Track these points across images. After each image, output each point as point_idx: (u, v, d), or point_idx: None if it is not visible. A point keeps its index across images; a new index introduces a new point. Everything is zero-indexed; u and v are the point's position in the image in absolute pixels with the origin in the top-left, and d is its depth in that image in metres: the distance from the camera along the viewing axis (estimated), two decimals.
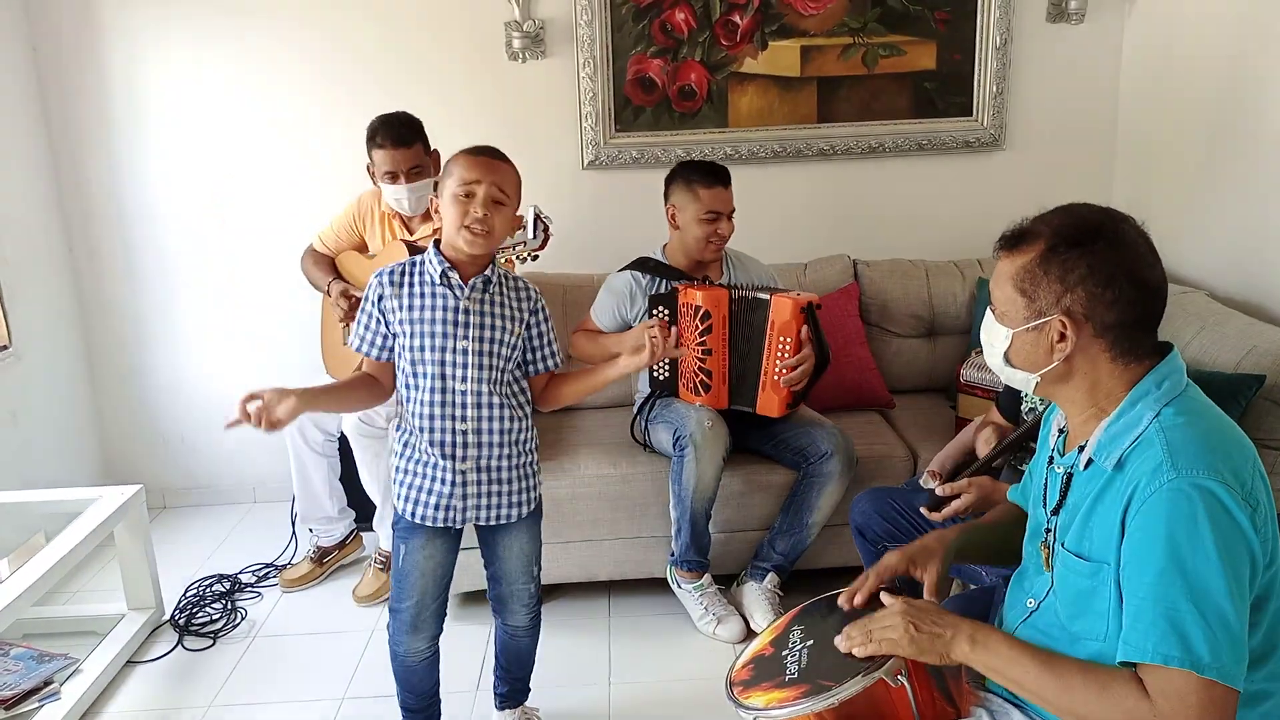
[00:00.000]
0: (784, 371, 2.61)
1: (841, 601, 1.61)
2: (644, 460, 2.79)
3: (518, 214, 2.04)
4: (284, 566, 3.13)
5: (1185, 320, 2.63)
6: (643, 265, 2.84)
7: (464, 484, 2.00)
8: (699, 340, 2.67)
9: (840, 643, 1.45)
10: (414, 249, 2.77)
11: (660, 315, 2.72)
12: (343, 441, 2.99)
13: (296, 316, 3.33)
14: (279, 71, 3.34)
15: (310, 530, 3.11)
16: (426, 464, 2.00)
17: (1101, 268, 1.30)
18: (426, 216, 2.91)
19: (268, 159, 3.40)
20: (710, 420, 2.64)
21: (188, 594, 2.98)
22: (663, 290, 2.76)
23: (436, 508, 2.01)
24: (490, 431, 1.99)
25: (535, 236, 2.28)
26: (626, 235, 3.25)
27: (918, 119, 3.45)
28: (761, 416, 2.69)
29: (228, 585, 3.04)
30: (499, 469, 2.02)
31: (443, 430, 1.97)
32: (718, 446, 2.63)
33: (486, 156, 1.95)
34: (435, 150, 2.86)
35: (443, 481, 1.99)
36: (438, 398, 1.96)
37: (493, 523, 2.05)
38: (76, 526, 2.56)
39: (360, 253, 3.03)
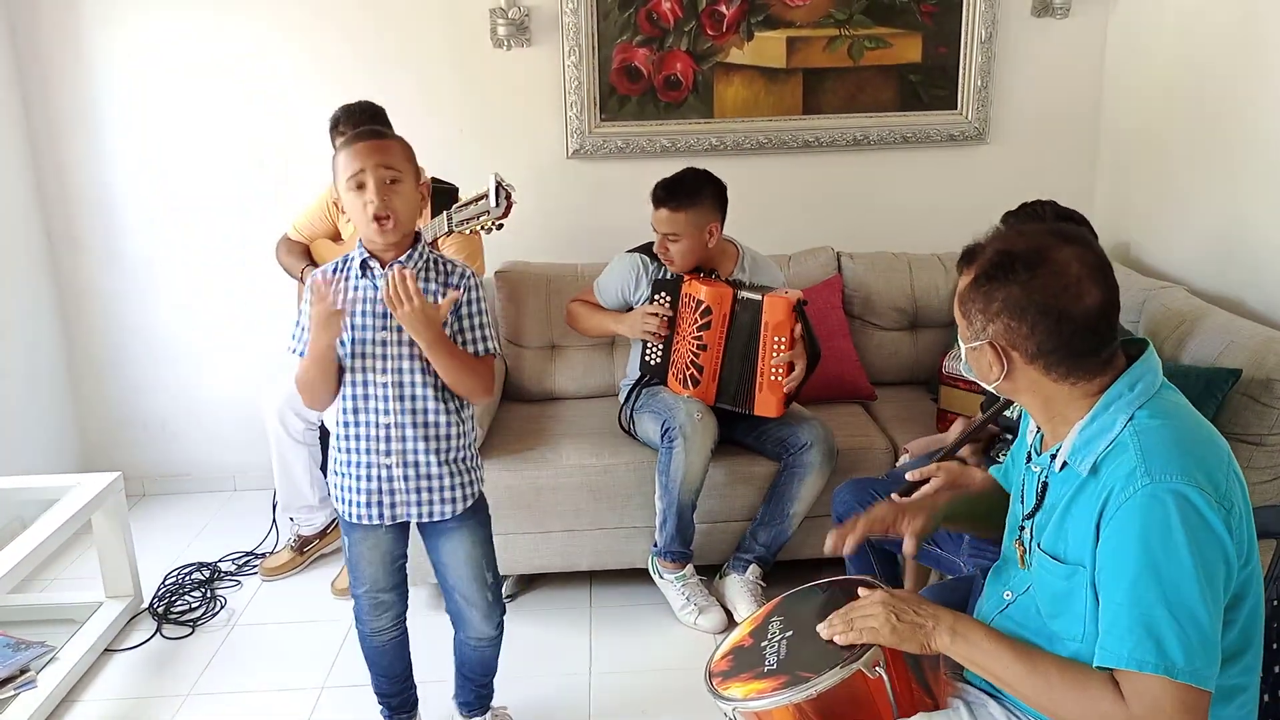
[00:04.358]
0: (780, 371, 2.61)
1: (829, 549, 1.63)
2: (626, 450, 2.79)
3: (424, 183, 1.96)
4: (264, 555, 3.12)
5: (1164, 315, 2.65)
6: (652, 250, 2.83)
7: (390, 479, 1.96)
8: (696, 334, 2.67)
9: (822, 630, 1.45)
10: None
11: (662, 301, 2.72)
12: (323, 431, 2.98)
13: (277, 304, 3.31)
14: (262, 57, 3.30)
15: (291, 519, 3.10)
16: (352, 461, 1.97)
17: (1015, 301, 1.31)
18: None
19: (250, 144, 3.37)
20: (700, 412, 2.64)
21: (166, 582, 2.96)
22: (668, 277, 2.76)
23: (368, 505, 1.97)
24: (415, 425, 1.93)
25: (499, 205, 2.25)
26: (611, 225, 3.25)
27: (903, 112, 3.46)
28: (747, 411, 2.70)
29: (207, 573, 3.02)
30: (427, 464, 1.95)
31: (366, 424, 1.94)
32: (706, 438, 2.63)
33: (364, 140, 1.88)
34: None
35: (370, 479, 1.96)
36: (359, 391, 1.94)
37: (425, 519, 2.00)
38: (53, 513, 2.54)
39: (334, 241, 3.01)
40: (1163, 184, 3.15)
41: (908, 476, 1.94)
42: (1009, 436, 2.18)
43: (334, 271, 1.95)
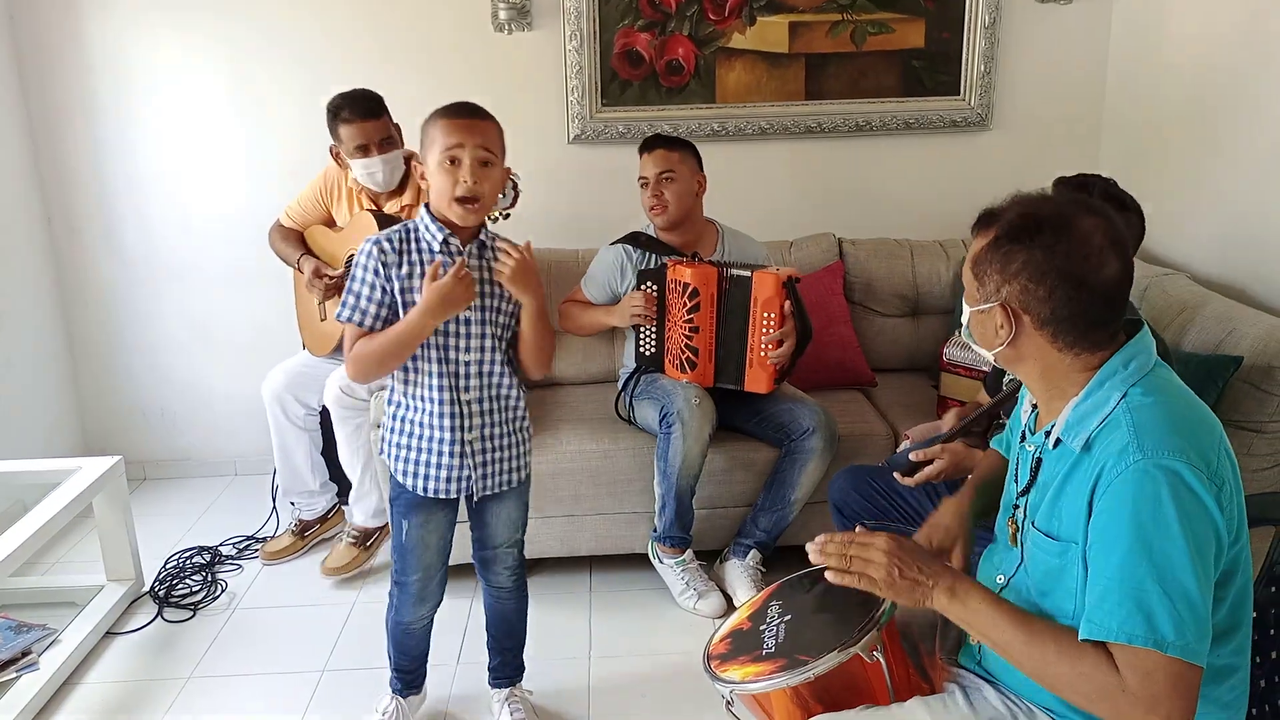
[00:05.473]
0: (769, 347, 2.61)
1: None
2: (626, 436, 2.79)
3: (508, 168, 1.98)
4: (265, 539, 3.13)
5: (1166, 302, 2.64)
6: (634, 240, 2.84)
7: (469, 454, 1.99)
8: (686, 317, 2.67)
9: (813, 553, 1.41)
10: (382, 219, 2.75)
11: (649, 289, 2.72)
12: (324, 416, 2.98)
13: (276, 291, 3.30)
14: (262, 42, 3.29)
15: (292, 504, 3.10)
16: (430, 438, 1.97)
17: (1036, 264, 1.31)
18: (395, 192, 2.89)
19: (250, 131, 3.36)
20: (698, 397, 2.64)
21: (168, 566, 2.97)
22: (652, 266, 2.76)
23: (448, 480, 1.99)
24: (494, 399, 1.99)
25: (506, 196, 2.26)
26: (611, 211, 3.25)
27: (905, 97, 3.44)
28: (745, 393, 2.70)
29: (208, 557, 3.03)
30: (501, 436, 2.01)
31: (452, 402, 1.95)
32: (705, 423, 2.63)
33: (466, 117, 1.87)
34: (397, 124, 2.83)
35: (450, 454, 1.97)
36: (443, 368, 1.94)
37: (495, 490, 2.04)
38: (55, 497, 2.55)
39: (328, 227, 3.00)
40: (1166, 171, 3.14)
41: (912, 456, 1.94)
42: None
43: (400, 242, 1.91)
